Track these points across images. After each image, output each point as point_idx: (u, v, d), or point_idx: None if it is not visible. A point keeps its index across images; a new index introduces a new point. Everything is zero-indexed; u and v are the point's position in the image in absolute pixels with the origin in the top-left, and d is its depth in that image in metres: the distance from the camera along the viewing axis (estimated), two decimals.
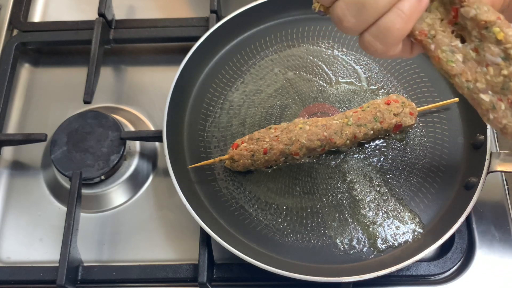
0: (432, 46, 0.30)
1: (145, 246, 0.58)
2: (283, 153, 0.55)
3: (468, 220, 0.56)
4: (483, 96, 0.30)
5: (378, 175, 0.57)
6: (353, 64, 0.63)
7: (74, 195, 0.56)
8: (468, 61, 0.30)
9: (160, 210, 0.60)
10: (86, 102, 0.61)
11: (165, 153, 0.55)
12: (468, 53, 0.30)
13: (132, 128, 0.64)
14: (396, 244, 0.53)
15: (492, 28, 0.28)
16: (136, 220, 0.59)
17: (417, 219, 0.54)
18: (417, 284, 0.54)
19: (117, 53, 0.70)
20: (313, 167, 0.57)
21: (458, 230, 0.50)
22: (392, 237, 0.53)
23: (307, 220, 0.55)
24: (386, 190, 0.56)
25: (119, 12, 0.71)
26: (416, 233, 0.53)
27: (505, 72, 0.29)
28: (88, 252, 0.57)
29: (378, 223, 0.54)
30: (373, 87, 0.62)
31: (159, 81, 0.68)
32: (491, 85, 0.30)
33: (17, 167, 0.63)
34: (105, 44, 0.68)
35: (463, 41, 0.30)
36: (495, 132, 0.61)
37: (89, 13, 0.72)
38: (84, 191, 0.59)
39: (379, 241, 0.53)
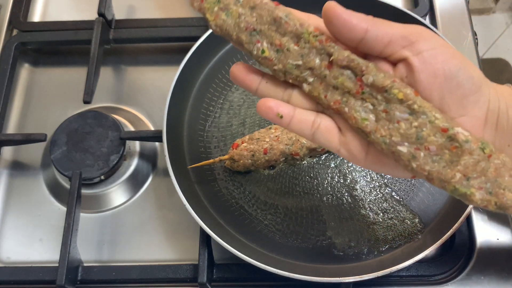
0: (346, 109, 0.33)
1: (145, 246, 0.58)
2: (284, 153, 0.55)
3: (468, 220, 0.56)
4: (400, 148, 0.32)
5: (378, 175, 0.57)
6: None
7: (74, 195, 0.56)
8: (380, 120, 0.33)
9: (160, 210, 0.60)
10: (86, 102, 0.61)
11: (165, 153, 0.55)
12: (379, 113, 0.33)
13: (132, 128, 0.64)
14: (396, 245, 0.53)
15: (392, 90, 0.32)
16: (136, 220, 0.59)
17: (417, 219, 0.54)
18: (417, 284, 0.54)
19: (117, 53, 0.70)
20: (313, 167, 0.57)
21: (458, 230, 0.50)
22: (392, 237, 0.53)
23: (307, 220, 0.55)
24: (386, 191, 0.56)
25: (119, 12, 0.71)
26: (416, 233, 0.53)
27: (415, 124, 0.32)
28: (88, 252, 0.57)
29: (378, 223, 0.54)
30: None
31: (159, 81, 0.68)
32: (406, 137, 0.32)
33: (17, 167, 0.63)
34: (105, 44, 0.68)
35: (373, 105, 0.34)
36: None
37: (89, 13, 0.72)
38: (84, 191, 0.59)
39: (379, 242, 0.53)
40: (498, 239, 0.55)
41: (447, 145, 0.32)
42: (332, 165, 0.57)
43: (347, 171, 0.57)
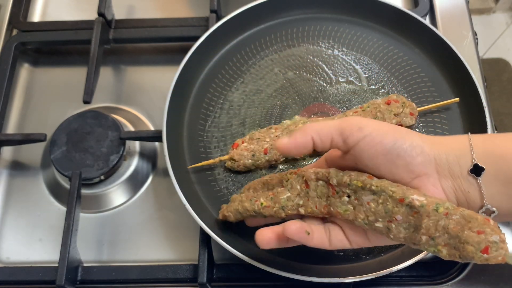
0: (332, 209, 0.41)
1: (145, 246, 0.58)
2: None
3: None
4: (377, 224, 0.38)
5: None
6: (353, 64, 0.63)
7: (74, 195, 0.55)
8: (356, 206, 0.39)
9: (160, 210, 0.60)
10: (86, 102, 0.61)
11: (165, 153, 0.54)
12: (353, 202, 0.40)
13: (131, 128, 0.64)
14: (396, 244, 0.53)
15: (352, 182, 0.39)
16: (136, 220, 0.59)
17: None
18: (417, 284, 0.54)
19: (117, 53, 0.70)
20: None
21: None
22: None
23: None
24: None
25: (119, 12, 0.71)
26: None
27: (380, 201, 0.38)
28: (87, 252, 0.57)
29: None
30: (373, 87, 0.62)
31: (159, 81, 0.68)
32: (378, 214, 0.38)
33: (17, 167, 0.63)
34: (105, 44, 0.68)
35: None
36: (495, 132, 0.61)
37: (89, 13, 0.72)
38: (84, 191, 0.59)
39: None
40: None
41: (409, 212, 0.37)
42: None
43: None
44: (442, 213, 0.35)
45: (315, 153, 0.57)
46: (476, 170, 0.36)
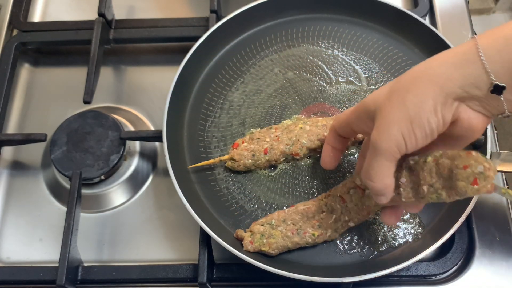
0: (371, 208, 0.49)
1: (145, 246, 0.58)
2: (284, 153, 0.55)
3: (468, 220, 0.56)
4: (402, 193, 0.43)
5: None
6: (353, 64, 0.63)
7: (74, 195, 0.56)
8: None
9: (160, 210, 0.60)
10: (86, 102, 0.61)
11: (165, 153, 0.55)
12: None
13: (132, 128, 0.64)
14: (396, 244, 0.53)
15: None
16: (136, 220, 0.59)
17: (417, 219, 0.54)
18: (417, 284, 0.54)
19: (117, 53, 0.70)
20: (313, 167, 0.57)
21: (458, 230, 0.50)
22: (392, 237, 0.53)
23: None
24: None
25: (119, 12, 0.71)
26: (416, 233, 0.53)
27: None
28: (88, 252, 0.57)
29: (378, 224, 0.54)
30: (373, 87, 0.62)
31: (159, 81, 0.68)
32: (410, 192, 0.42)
33: (17, 167, 0.63)
34: (105, 44, 0.68)
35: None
36: (495, 132, 0.61)
37: (89, 13, 0.72)
38: (84, 191, 0.59)
39: (379, 241, 0.53)
40: (498, 239, 0.55)
41: (410, 173, 0.41)
42: None
43: (347, 171, 0.57)
44: (431, 161, 0.39)
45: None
46: (498, 90, 0.35)
